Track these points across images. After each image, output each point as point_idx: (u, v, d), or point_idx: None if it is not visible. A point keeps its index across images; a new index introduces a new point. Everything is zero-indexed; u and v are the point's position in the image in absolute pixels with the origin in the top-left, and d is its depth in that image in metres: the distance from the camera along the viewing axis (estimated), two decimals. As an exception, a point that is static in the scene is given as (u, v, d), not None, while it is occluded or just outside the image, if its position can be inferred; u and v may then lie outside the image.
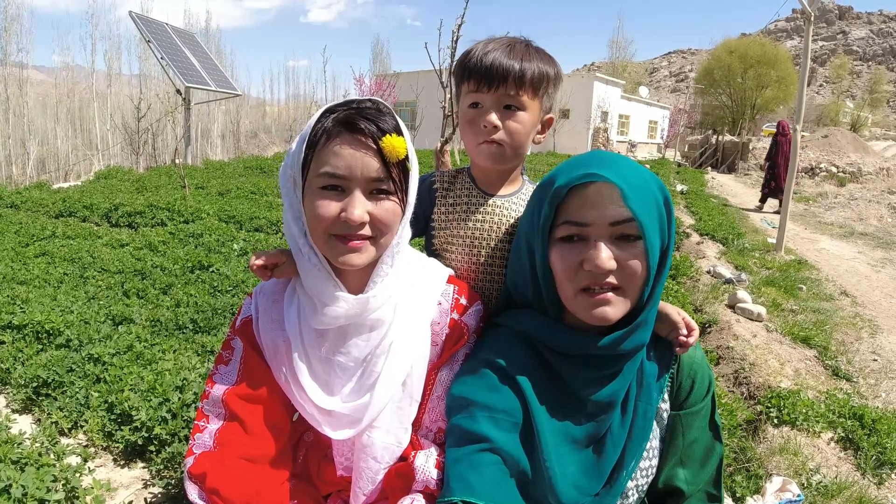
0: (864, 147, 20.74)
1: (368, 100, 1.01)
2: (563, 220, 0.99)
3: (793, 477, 2.35)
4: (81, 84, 20.73)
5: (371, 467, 1.10)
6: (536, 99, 1.24)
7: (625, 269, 0.96)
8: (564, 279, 1.00)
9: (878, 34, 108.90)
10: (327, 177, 0.97)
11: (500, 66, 1.18)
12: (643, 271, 0.97)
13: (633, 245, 0.96)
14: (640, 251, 0.96)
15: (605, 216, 0.95)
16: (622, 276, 0.96)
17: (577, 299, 0.99)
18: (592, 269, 0.95)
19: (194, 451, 1.07)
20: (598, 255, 0.94)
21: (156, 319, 3.30)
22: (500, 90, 1.20)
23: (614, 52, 51.84)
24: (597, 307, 0.97)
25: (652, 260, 0.97)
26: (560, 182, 0.98)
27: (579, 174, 0.96)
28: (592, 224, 0.96)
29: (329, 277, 1.05)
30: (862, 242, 8.65)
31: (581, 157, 1.04)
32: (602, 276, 0.95)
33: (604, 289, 0.97)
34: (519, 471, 0.98)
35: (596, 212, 0.95)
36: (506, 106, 1.22)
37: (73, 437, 2.31)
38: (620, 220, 0.95)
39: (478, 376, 1.05)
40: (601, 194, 0.95)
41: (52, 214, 6.79)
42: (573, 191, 0.97)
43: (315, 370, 1.09)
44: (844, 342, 4.20)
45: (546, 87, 1.24)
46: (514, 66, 1.18)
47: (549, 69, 1.23)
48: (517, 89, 1.20)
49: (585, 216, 0.96)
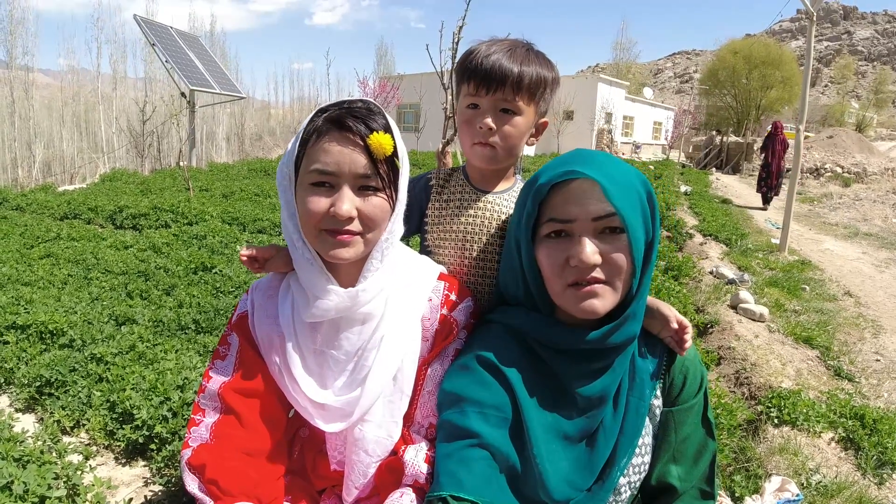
0: (869, 147, 20.68)
1: (360, 100, 1.04)
2: (548, 218, 1.01)
3: (792, 477, 2.35)
4: (87, 87, 20.86)
5: (363, 460, 1.11)
6: (532, 104, 1.24)
7: (610, 263, 0.98)
8: (552, 275, 1.02)
9: (883, 34, 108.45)
10: (317, 173, 1.00)
11: (498, 70, 1.18)
12: (628, 264, 0.99)
13: (616, 238, 0.98)
14: (624, 245, 0.98)
15: (587, 212, 0.97)
16: (608, 270, 0.99)
17: (565, 294, 1.01)
18: (578, 265, 0.97)
19: (191, 443, 1.08)
20: (583, 251, 0.96)
21: (158, 320, 3.32)
22: (497, 94, 1.20)
23: (618, 53, 51.80)
24: (585, 300, 0.99)
25: (636, 253, 0.99)
26: (542, 180, 1.01)
27: (560, 172, 0.99)
28: (575, 220, 0.98)
29: (321, 272, 1.07)
30: (866, 243, 8.62)
31: (564, 155, 1.06)
32: (588, 271, 0.97)
33: (591, 283, 0.98)
34: (508, 466, 0.99)
35: (578, 208, 0.98)
36: (502, 109, 1.23)
37: (75, 436, 2.33)
38: (603, 215, 0.97)
39: (468, 372, 1.06)
40: (583, 190, 0.98)
41: (56, 216, 6.85)
42: (555, 188, 1.00)
43: (308, 364, 1.11)
44: (847, 342, 4.19)
45: (543, 92, 1.25)
46: (512, 71, 1.18)
47: (546, 74, 1.23)
48: (514, 94, 1.20)
49: (568, 212, 0.99)
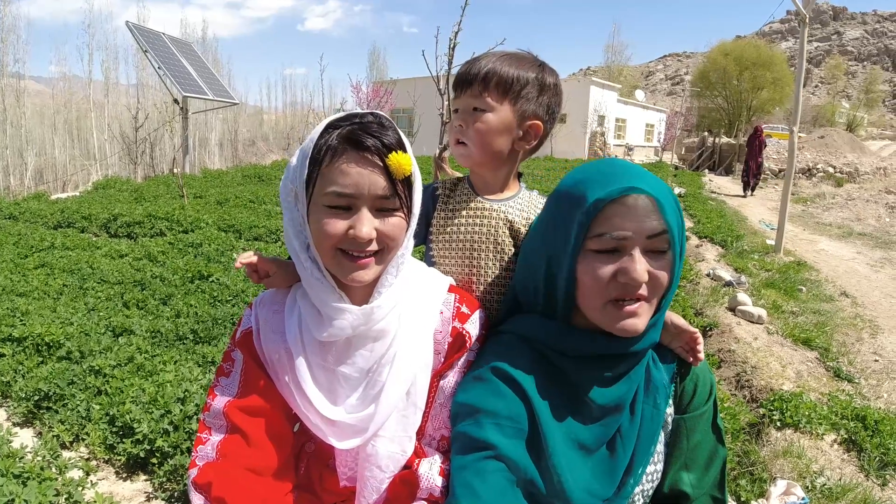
0: (860, 147, 20.84)
1: (370, 113, 1.01)
2: (598, 233, 0.97)
3: (797, 480, 2.35)
4: (79, 94, 20.71)
5: (376, 476, 1.10)
6: (506, 101, 1.25)
7: (654, 281, 0.98)
8: (594, 291, 0.99)
9: (873, 34, 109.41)
10: (335, 196, 0.97)
11: (468, 72, 1.25)
12: (668, 282, 0.99)
13: (662, 257, 0.98)
14: (667, 262, 0.98)
15: (643, 229, 0.95)
16: (650, 288, 0.98)
17: (605, 310, 0.99)
18: (628, 281, 0.95)
19: (197, 462, 1.06)
20: (636, 268, 0.95)
21: (156, 330, 3.29)
22: (467, 93, 1.26)
23: (610, 56, 51.99)
24: (625, 319, 0.98)
25: (678, 270, 0.99)
26: (599, 195, 0.96)
27: (619, 187, 0.95)
28: (631, 236, 0.96)
29: (333, 290, 1.05)
30: (861, 243, 8.68)
31: (603, 167, 1.02)
32: (635, 289, 0.96)
33: (634, 300, 0.98)
34: (525, 478, 0.98)
35: (635, 224, 0.95)
36: (474, 108, 1.26)
37: (74, 451, 2.30)
38: (657, 233, 0.96)
39: (482, 383, 1.05)
40: (639, 206, 0.96)
41: (50, 225, 6.79)
42: (609, 203, 0.97)
43: (318, 380, 1.09)
44: (845, 343, 4.20)
45: (518, 90, 1.24)
46: (479, 70, 1.23)
47: (524, 74, 1.24)
48: (481, 91, 1.24)
49: (625, 228, 0.96)
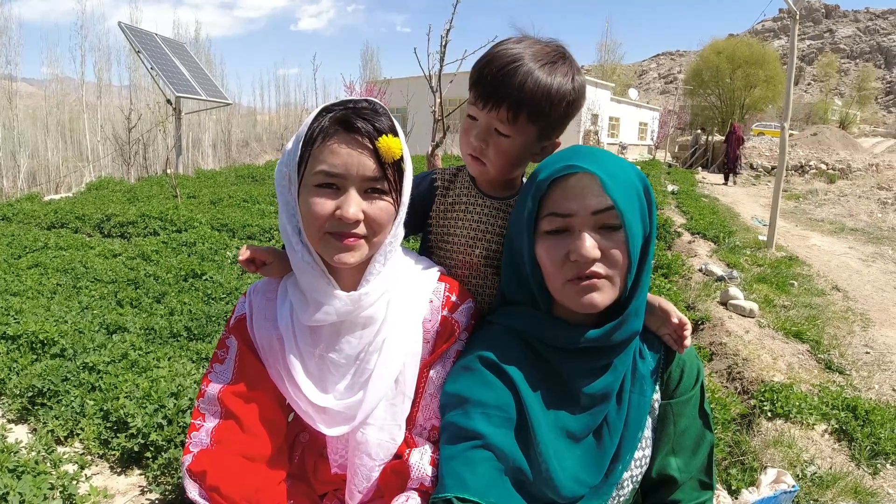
0: (853, 144, 20.96)
1: (365, 100, 1.02)
2: (547, 213, 1.02)
3: (788, 469, 2.37)
4: (71, 96, 20.55)
5: (366, 464, 1.10)
6: (532, 127, 1.15)
7: (608, 258, 0.99)
8: (552, 271, 1.02)
9: (865, 31, 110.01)
10: (323, 175, 0.98)
11: (499, 88, 1.09)
12: (625, 259, 1.00)
13: (614, 234, 0.99)
14: (621, 240, 0.99)
15: (586, 206, 0.98)
16: (607, 265, 0.99)
17: (565, 289, 1.01)
18: (578, 259, 0.97)
19: (192, 449, 1.07)
20: (583, 245, 0.97)
21: (150, 328, 3.29)
22: (492, 113, 1.12)
23: (603, 54, 51.96)
24: (585, 294, 0.99)
25: (633, 248, 1.00)
26: (542, 176, 1.01)
27: (560, 167, 0.99)
28: (575, 214, 0.99)
29: (322, 275, 1.06)
30: (853, 238, 8.74)
31: (562, 151, 1.07)
32: (587, 266, 0.98)
33: (590, 277, 0.99)
34: (513, 466, 0.99)
35: (577, 202, 0.98)
36: (496, 129, 1.15)
37: (69, 446, 2.31)
38: (602, 209, 0.98)
39: (471, 373, 1.06)
40: (582, 185, 0.98)
41: (43, 226, 6.76)
42: (555, 183, 1.01)
43: (308, 367, 1.10)
44: (837, 336, 4.24)
45: (548, 116, 1.13)
46: (511, 93, 1.08)
47: (557, 98, 1.11)
48: (510, 119, 1.11)
49: (568, 207, 0.99)
